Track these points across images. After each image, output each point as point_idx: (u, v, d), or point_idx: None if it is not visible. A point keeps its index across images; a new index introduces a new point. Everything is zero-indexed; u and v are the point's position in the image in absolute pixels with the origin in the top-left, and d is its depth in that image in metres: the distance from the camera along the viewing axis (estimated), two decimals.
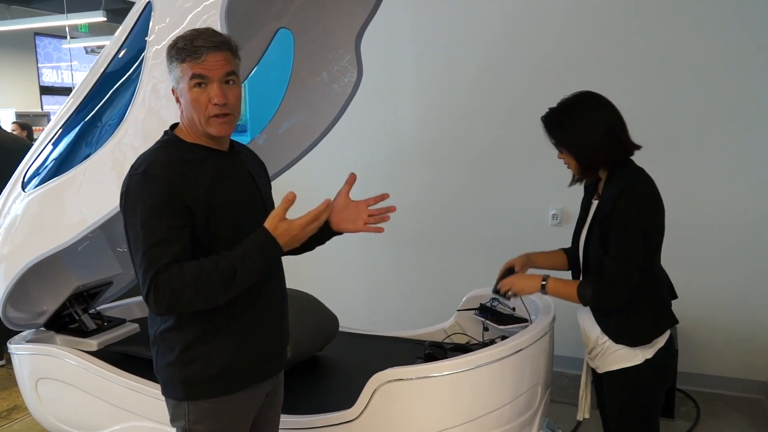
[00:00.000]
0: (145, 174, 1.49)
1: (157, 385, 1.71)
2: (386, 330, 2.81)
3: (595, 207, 1.91)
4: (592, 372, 2.05)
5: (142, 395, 2.26)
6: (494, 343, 2.10)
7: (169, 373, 1.60)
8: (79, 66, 10.82)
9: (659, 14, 3.34)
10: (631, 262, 1.76)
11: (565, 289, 1.89)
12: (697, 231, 3.36)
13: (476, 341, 2.47)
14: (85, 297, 2.74)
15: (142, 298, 1.53)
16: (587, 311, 1.93)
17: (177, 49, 1.52)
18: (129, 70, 2.13)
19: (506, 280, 2.02)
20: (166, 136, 1.62)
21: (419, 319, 3.19)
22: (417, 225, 4.02)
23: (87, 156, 2.19)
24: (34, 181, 2.34)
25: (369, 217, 1.79)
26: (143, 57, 2.03)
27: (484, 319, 2.49)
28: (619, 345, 1.85)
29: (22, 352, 2.57)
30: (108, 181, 2.11)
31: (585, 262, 1.92)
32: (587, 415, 2.11)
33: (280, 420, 1.88)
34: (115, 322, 2.77)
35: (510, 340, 2.05)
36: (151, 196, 1.47)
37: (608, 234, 1.80)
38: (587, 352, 2.00)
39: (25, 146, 3.84)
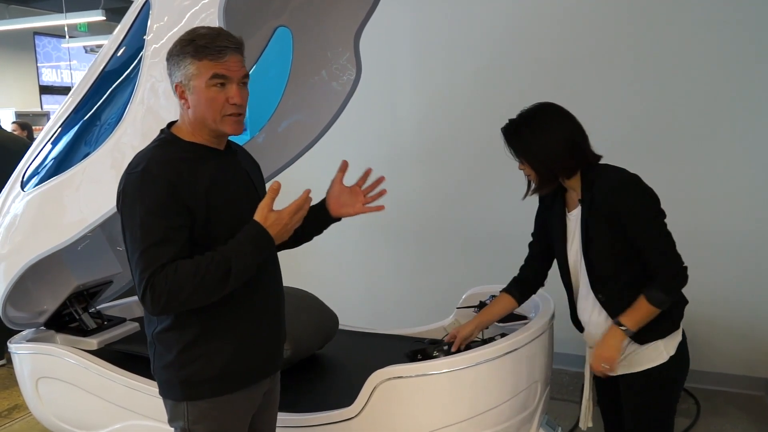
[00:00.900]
0: (143, 173, 1.47)
1: (156, 384, 1.70)
2: (386, 328, 2.81)
3: (578, 216, 1.86)
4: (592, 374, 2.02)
5: (142, 394, 2.26)
6: (494, 341, 2.10)
7: (167, 374, 1.60)
8: (79, 65, 10.81)
9: (659, 14, 3.34)
10: (672, 245, 1.76)
11: (641, 312, 1.78)
12: (696, 228, 3.36)
13: (476, 339, 2.47)
14: (85, 296, 2.74)
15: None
16: (600, 319, 1.88)
17: (197, 46, 1.49)
18: (127, 68, 2.13)
19: (595, 365, 1.86)
20: (162, 135, 1.60)
21: (419, 317, 3.19)
22: (416, 223, 4.02)
23: (86, 155, 2.19)
24: (34, 180, 2.34)
25: (366, 197, 1.83)
26: (141, 56, 2.03)
27: None
28: (645, 345, 1.82)
29: (23, 351, 2.57)
30: (107, 180, 2.11)
31: (592, 273, 1.85)
32: (590, 424, 2.06)
33: (281, 418, 1.88)
34: (115, 321, 2.78)
35: (509, 337, 2.05)
36: (149, 195, 1.46)
37: (617, 232, 1.76)
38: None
39: (24, 146, 3.84)
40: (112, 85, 2.18)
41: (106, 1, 6.84)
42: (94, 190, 2.16)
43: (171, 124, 1.64)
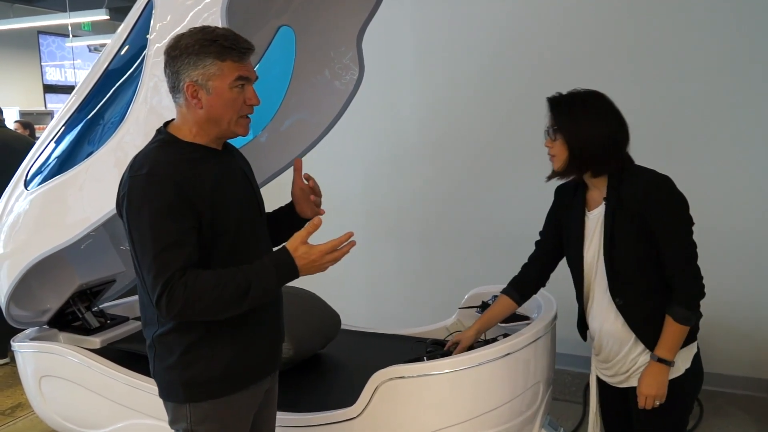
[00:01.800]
0: (149, 175, 1.45)
1: None
2: (388, 328, 2.81)
3: (600, 216, 1.81)
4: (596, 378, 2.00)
5: (144, 393, 2.26)
6: (496, 341, 2.09)
7: (169, 376, 1.59)
8: (83, 64, 10.83)
9: (660, 14, 3.32)
10: (694, 256, 1.74)
11: (673, 337, 1.74)
12: (699, 228, 3.33)
13: (478, 339, 2.47)
14: (89, 295, 2.75)
15: (145, 300, 1.52)
16: (615, 327, 1.83)
17: (220, 46, 1.49)
18: (131, 68, 2.13)
19: (647, 405, 1.78)
20: (161, 135, 1.58)
21: (421, 317, 3.19)
22: (419, 223, 4.02)
23: (89, 154, 2.19)
24: (37, 179, 2.34)
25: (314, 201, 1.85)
26: (144, 55, 2.03)
27: None
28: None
29: (26, 349, 2.58)
30: (110, 179, 2.10)
31: (611, 275, 1.80)
32: None
33: (283, 418, 1.89)
34: (118, 320, 2.78)
35: (511, 338, 2.04)
36: (157, 197, 1.44)
37: (642, 234, 1.72)
38: (609, 375, 1.91)
39: (28, 145, 3.85)
40: (116, 84, 2.18)
41: (109, 0, 6.85)
42: (98, 189, 2.16)
43: (167, 123, 1.63)
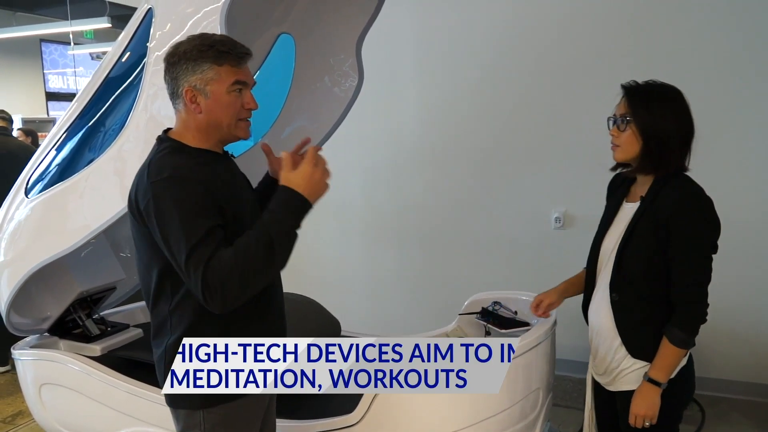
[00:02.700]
0: (173, 178, 1.46)
1: (160, 390, 1.70)
2: (388, 334, 2.80)
3: (633, 210, 1.79)
4: (593, 383, 1.99)
5: (145, 400, 2.26)
6: None
7: None
8: (85, 72, 10.86)
9: (661, 17, 3.33)
10: (705, 281, 1.74)
11: (668, 359, 1.72)
12: None
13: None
14: (89, 302, 2.74)
15: (142, 302, 1.52)
16: (606, 322, 1.82)
17: (217, 51, 1.50)
18: (131, 75, 2.14)
19: (637, 423, 1.76)
20: (169, 142, 1.59)
21: (421, 323, 3.18)
22: (419, 228, 4.02)
23: (90, 161, 2.20)
24: (38, 187, 2.35)
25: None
26: (144, 63, 2.04)
27: (486, 323, 2.49)
28: (640, 360, 1.77)
29: (26, 357, 2.58)
30: (110, 187, 2.12)
31: (617, 270, 1.79)
32: None
33: (283, 425, 1.89)
34: (118, 327, 2.78)
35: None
36: (186, 197, 1.44)
37: (660, 243, 1.70)
38: (599, 373, 1.91)
39: (31, 154, 3.86)
40: (116, 92, 2.20)
41: (111, 8, 6.87)
42: (98, 196, 2.17)
43: (166, 131, 1.63)
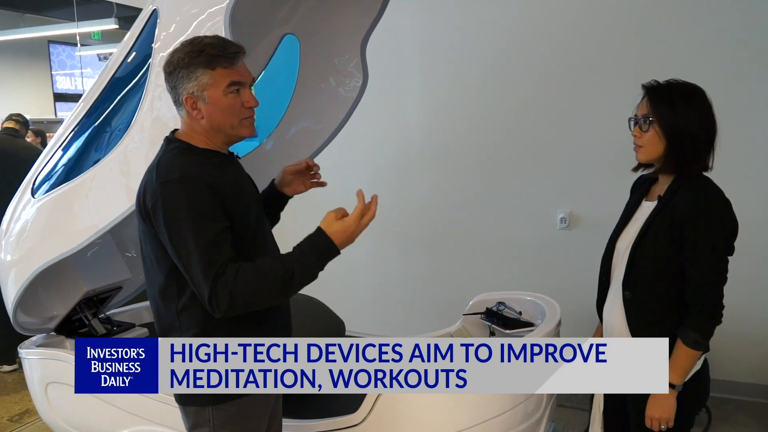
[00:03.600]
0: (182, 179, 1.47)
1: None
2: (392, 334, 2.80)
3: (650, 210, 1.77)
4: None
5: (150, 399, 2.26)
6: None
7: None
8: (92, 73, 10.93)
9: (666, 19, 3.32)
10: (720, 282, 1.70)
11: (682, 360, 1.70)
12: None
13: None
14: (95, 302, 2.75)
15: (147, 302, 1.53)
16: (619, 324, 1.80)
17: (209, 55, 1.50)
18: (136, 76, 2.15)
19: (648, 420, 1.74)
20: (177, 143, 1.59)
21: (425, 324, 3.19)
22: (423, 229, 4.02)
23: (96, 161, 2.21)
24: (44, 187, 2.36)
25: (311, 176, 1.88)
26: (149, 63, 2.05)
27: (490, 324, 2.49)
28: None
29: (33, 356, 2.59)
30: (116, 187, 2.13)
31: (631, 269, 1.77)
32: None
33: (287, 425, 1.89)
34: (124, 327, 2.79)
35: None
36: (195, 199, 1.46)
37: (674, 243, 1.68)
38: None
39: (37, 155, 3.88)
40: (122, 92, 2.21)
41: (118, 10, 6.91)
42: (104, 196, 2.18)
43: (174, 132, 1.64)
